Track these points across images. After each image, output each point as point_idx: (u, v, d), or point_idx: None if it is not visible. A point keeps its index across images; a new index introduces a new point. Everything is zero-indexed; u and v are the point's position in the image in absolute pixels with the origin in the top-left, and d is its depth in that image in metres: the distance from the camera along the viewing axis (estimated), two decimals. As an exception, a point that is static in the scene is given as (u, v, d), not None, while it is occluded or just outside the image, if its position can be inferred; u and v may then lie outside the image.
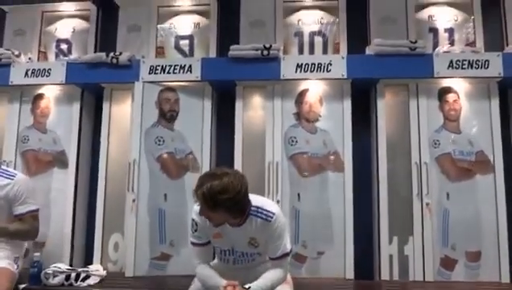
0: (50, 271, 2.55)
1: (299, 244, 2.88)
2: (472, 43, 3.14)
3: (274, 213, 1.96)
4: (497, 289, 2.68)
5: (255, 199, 2.00)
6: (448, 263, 2.82)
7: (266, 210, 1.97)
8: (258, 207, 1.96)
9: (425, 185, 2.84)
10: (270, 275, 1.98)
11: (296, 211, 2.92)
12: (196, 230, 2.02)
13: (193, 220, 2.03)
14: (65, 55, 3.38)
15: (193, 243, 2.08)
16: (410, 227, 2.83)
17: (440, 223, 2.84)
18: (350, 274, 2.82)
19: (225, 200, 1.81)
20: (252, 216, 1.96)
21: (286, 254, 2.02)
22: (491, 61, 2.82)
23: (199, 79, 2.99)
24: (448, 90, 2.95)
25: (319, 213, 2.91)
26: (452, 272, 2.81)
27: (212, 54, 3.24)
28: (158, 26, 3.34)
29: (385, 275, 2.81)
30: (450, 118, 2.94)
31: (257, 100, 3.10)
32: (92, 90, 3.23)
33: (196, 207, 1.98)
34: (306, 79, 2.98)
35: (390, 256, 2.83)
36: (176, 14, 3.40)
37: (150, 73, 3.01)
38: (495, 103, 2.90)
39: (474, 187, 2.86)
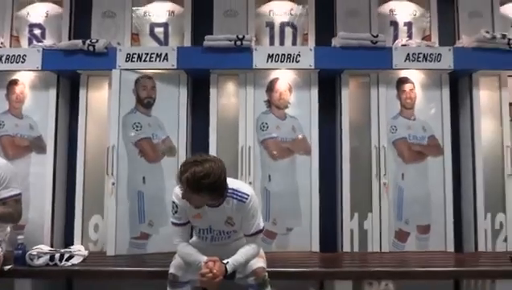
0: (34, 253, 2.64)
1: (270, 221, 3.12)
2: (428, 36, 3.40)
3: (248, 195, 2.18)
4: (443, 257, 3.02)
5: (231, 182, 2.20)
6: (401, 236, 3.16)
7: (241, 192, 2.18)
8: (233, 189, 2.17)
9: (383, 166, 3.13)
10: (245, 251, 2.20)
11: (267, 191, 3.15)
12: (176, 212, 2.21)
13: (174, 202, 2.21)
14: (39, 40, 3.35)
15: (174, 223, 2.26)
16: (370, 204, 3.13)
17: (396, 200, 3.16)
18: (316, 247, 3.09)
19: (208, 184, 2.00)
20: (229, 197, 2.16)
21: (259, 231, 2.25)
22: (443, 55, 3.10)
23: (175, 67, 3.10)
24: (404, 80, 3.23)
25: (288, 192, 3.15)
26: (405, 244, 3.15)
27: (187, 42, 3.35)
28: (133, 13, 3.38)
29: (346, 248, 3.11)
30: (406, 105, 3.22)
31: (230, 87, 3.27)
32: (68, 76, 3.28)
33: (177, 190, 2.16)
34: (276, 69, 3.16)
35: (351, 230, 3.13)
36: (151, 1, 3.46)
37: (126, 61, 3.09)
38: (446, 93, 3.20)
39: (426, 168, 3.18)
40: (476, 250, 3.08)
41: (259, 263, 2.27)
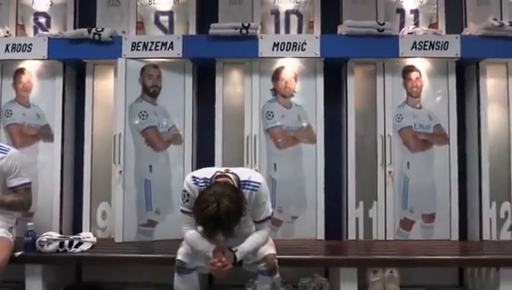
0: (44, 239, 2.68)
1: (276, 209, 3.10)
2: (435, 24, 3.36)
3: (259, 183, 2.20)
4: (448, 245, 3.04)
5: (242, 173, 2.22)
6: (406, 224, 3.17)
7: (254, 181, 2.20)
8: (245, 181, 2.19)
9: (388, 155, 3.13)
10: (254, 238, 2.23)
11: (273, 180, 3.16)
12: (187, 201, 2.23)
13: (185, 191, 2.22)
14: (44, 29, 3.35)
15: (183, 211, 2.29)
16: (375, 193, 3.14)
17: (401, 189, 3.17)
18: (321, 235, 3.12)
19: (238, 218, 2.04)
20: (242, 189, 2.18)
21: (269, 218, 2.27)
22: (450, 43, 3.07)
23: (180, 56, 3.10)
24: (411, 69, 3.20)
25: (293, 181, 3.17)
26: (410, 232, 3.17)
27: (192, 30, 3.33)
28: (138, 1, 3.35)
29: (351, 236, 3.13)
30: (412, 94, 3.21)
31: (236, 76, 3.26)
32: (74, 65, 3.28)
33: (189, 179, 2.18)
34: (282, 57, 3.15)
35: (357, 219, 3.15)
36: (156, -11, 3.43)
37: (132, 50, 3.09)
38: (452, 81, 3.18)
39: (431, 157, 3.18)
40: (481, 238, 3.09)
41: (270, 249, 2.30)
